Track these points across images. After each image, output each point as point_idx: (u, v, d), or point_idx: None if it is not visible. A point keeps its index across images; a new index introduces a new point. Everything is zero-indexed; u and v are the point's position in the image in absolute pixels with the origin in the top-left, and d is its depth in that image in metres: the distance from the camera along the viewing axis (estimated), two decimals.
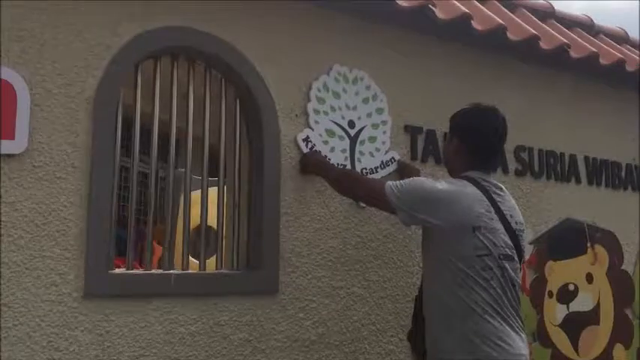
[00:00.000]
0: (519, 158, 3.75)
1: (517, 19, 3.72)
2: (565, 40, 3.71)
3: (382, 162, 3.19)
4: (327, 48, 3.10)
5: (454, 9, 3.30)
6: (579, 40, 3.93)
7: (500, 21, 3.44)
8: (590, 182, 4.08)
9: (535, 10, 4.08)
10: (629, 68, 3.94)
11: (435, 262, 2.43)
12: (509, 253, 2.37)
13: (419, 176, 3.19)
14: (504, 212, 2.41)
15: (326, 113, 3.03)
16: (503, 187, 2.52)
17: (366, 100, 3.18)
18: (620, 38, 4.49)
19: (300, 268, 2.87)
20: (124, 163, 2.71)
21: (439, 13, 3.23)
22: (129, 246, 2.58)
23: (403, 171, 3.20)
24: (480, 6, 3.60)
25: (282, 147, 2.89)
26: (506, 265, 2.34)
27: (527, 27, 3.62)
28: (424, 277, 2.58)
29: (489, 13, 3.55)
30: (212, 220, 2.82)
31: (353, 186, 2.69)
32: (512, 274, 2.36)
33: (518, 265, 2.42)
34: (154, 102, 2.68)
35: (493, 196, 2.41)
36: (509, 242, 2.38)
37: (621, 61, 3.90)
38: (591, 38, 4.20)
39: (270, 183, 2.83)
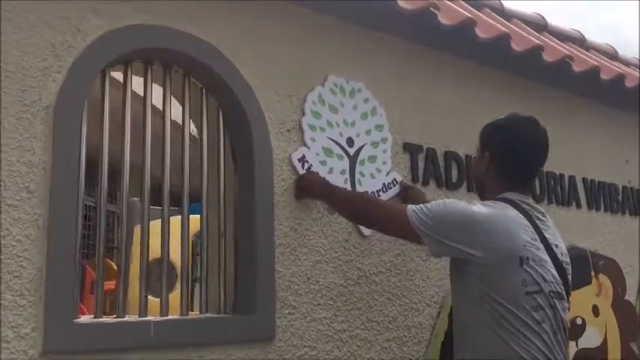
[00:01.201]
0: None
1: (517, 29, 3.47)
2: (567, 52, 3.48)
3: (384, 184, 2.85)
4: (322, 56, 2.76)
5: (457, 14, 3.02)
6: (577, 53, 3.71)
7: (504, 29, 3.18)
8: (590, 206, 3.84)
9: (527, 22, 3.86)
10: (629, 84, 3.74)
11: (471, 300, 2.08)
12: (559, 290, 2.05)
13: (425, 200, 2.86)
14: (549, 241, 2.10)
15: (322, 129, 2.68)
16: (544, 211, 2.21)
17: (364, 116, 2.84)
18: (610, 55, 4.32)
19: (299, 309, 2.48)
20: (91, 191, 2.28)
21: (442, 19, 2.93)
22: (98, 286, 2.14)
23: (406, 194, 2.87)
24: (478, 13, 3.33)
25: (274, 167, 2.51)
26: (557, 304, 2.02)
27: (529, 37, 3.37)
28: (456, 319, 2.22)
29: (489, 20, 3.28)
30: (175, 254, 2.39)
31: (366, 210, 2.32)
32: (563, 315, 2.04)
33: (567, 304, 2.09)
34: (124, 113, 2.27)
35: (536, 221, 2.10)
36: (558, 277, 2.05)
37: (621, 76, 3.70)
38: (586, 53, 4.00)
39: (262, 209, 2.44)
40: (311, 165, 2.60)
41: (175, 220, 2.37)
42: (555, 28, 4.03)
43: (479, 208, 2.09)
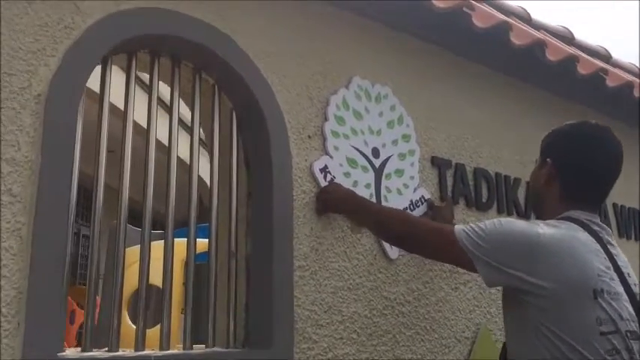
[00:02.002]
0: None
1: (548, 38, 3.23)
2: (601, 65, 3.24)
3: (411, 201, 2.56)
4: (346, 56, 2.49)
5: (491, 17, 2.77)
6: (611, 68, 3.47)
7: (538, 36, 2.94)
8: (620, 234, 3.58)
9: (555, 34, 3.63)
10: None
11: (531, 338, 1.76)
12: (636, 329, 1.74)
13: (453, 222, 2.58)
14: (622, 269, 1.80)
15: (346, 137, 2.39)
16: (611, 232, 1.93)
17: (391, 124, 2.56)
18: (634, 72, 4.10)
19: (319, 343, 2.16)
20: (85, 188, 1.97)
21: (476, 20, 2.67)
22: (88, 315, 1.81)
23: (434, 215, 2.58)
24: (509, 19, 3.09)
25: (294, 178, 2.21)
26: (634, 346, 1.72)
27: (562, 46, 3.14)
28: (510, 354, 1.91)
29: (522, 27, 3.04)
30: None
31: (407, 230, 2.01)
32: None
33: None
34: (126, 109, 1.97)
35: (607, 246, 1.81)
36: (633, 313, 1.76)
37: None
38: (613, 69, 3.77)
39: (280, 226, 2.14)
40: (334, 177, 2.31)
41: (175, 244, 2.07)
42: (582, 42, 3.80)
43: (543, 229, 1.79)
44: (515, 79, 3.12)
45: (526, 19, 3.45)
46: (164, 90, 2.14)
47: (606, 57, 3.94)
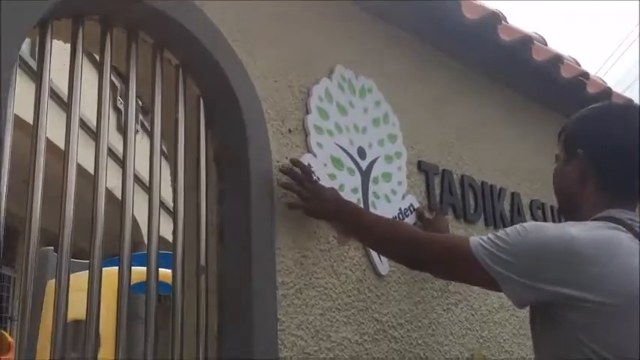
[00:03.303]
0: (535, 215, 2.98)
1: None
2: (582, 69, 3.08)
3: (400, 210, 2.28)
4: (328, 42, 2.21)
5: (481, 9, 2.55)
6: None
7: (527, 32, 2.74)
8: None
9: None
10: None
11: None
12: None
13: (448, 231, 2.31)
14: None
15: (330, 133, 2.09)
16: None
17: (376, 122, 2.28)
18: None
19: None
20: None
21: (466, 13, 2.44)
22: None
23: (426, 226, 2.30)
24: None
25: (274, 179, 1.89)
26: None
27: (548, 47, 2.95)
28: None
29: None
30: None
31: (414, 245, 1.70)
32: None
33: None
34: (72, 86, 1.61)
35: None
36: None
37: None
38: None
39: (260, 235, 1.80)
40: (318, 178, 1.99)
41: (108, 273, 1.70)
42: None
43: (579, 231, 1.51)
44: (502, 85, 2.91)
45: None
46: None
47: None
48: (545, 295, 1.47)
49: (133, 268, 1.69)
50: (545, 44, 3.05)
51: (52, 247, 4.09)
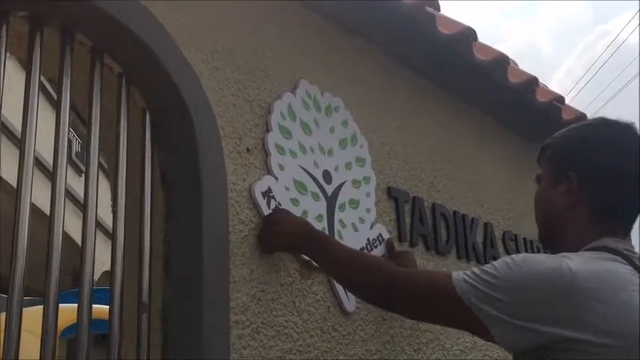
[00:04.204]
0: (508, 248, 2.83)
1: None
2: (557, 93, 2.96)
3: (369, 240, 2.09)
4: (292, 54, 2.03)
5: (454, 25, 2.41)
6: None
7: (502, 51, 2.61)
8: None
9: None
10: None
11: None
12: None
13: (416, 267, 2.14)
14: None
15: (293, 154, 1.90)
16: None
17: (343, 143, 2.10)
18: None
19: None
20: None
21: (440, 27, 2.30)
22: None
23: (394, 259, 2.11)
24: None
25: (229, 204, 1.69)
26: None
27: (521, 69, 2.83)
28: None
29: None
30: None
31: (383, 278, 1.50)
32: None
33: None
34: None
35: None
36: None
37: None
38: None
39: (212, 267, 1.59)
40: (279, 203, 1.80)
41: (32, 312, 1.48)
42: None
43: (575, 264, 1.34)
44: (477, 110, 2.77)
45: None
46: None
47: None
48: (540, 338, 1.29)
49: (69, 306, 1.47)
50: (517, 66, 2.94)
51: None
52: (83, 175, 1.57)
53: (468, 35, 2.38)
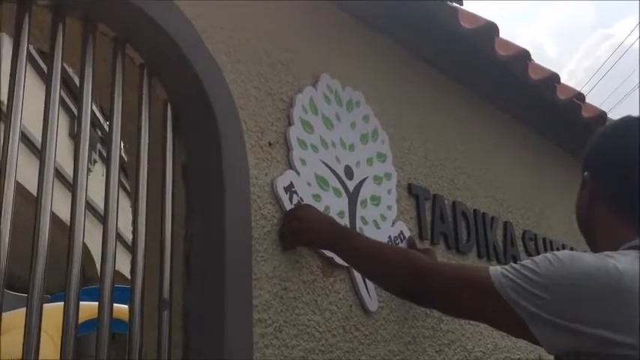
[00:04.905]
0: (528, 248, 2.80)
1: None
2: (577, 90, 2.93)
3: (390, 237, 2.06)
4: (314, 47, 2.02)
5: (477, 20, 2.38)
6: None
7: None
8: None
9: None
10: None
11: None
12: None
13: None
14: None
15: (315, 149, 1.87)
16: None
17: (364, 139, 2.08)
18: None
19: None
20: None
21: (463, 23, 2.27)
22: None
23: None
24: None
25: (251, 199, 1.66)
26: None
27: (541, 65, 2.80)
28: None
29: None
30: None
31: (414, 269, 1.48)
32: None
33: None
34: (13, 90, 1.37)
35: None
36: None
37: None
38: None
39: (234, 263, 1.56)
40: (301, 198, 1.77)
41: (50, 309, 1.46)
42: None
43: (623, 263, 1.30)
44: (496, 106, 2.74)
45: None
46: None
47: None
48: (583, 339, 1.24)
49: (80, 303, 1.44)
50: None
51: None
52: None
53: (490, 30, 2.34)
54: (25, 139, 5.25)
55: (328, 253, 1.78)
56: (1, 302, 1.25)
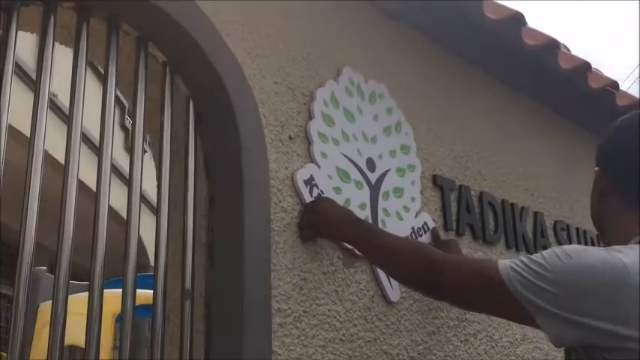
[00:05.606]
0: (560, 238, 2.79)
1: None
2: (611, 78, 2.89)
3: (413, 229, 2.09)
4: (336, 41, 2.04)
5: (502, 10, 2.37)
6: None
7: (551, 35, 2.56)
8: None
9: None
10: None
11: None
12: None
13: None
14: None
15: (336, 142, 1.91)
16: None
17: (387, 131, 2.10)
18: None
19: None
20: None
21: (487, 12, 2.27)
22: None
23: (438, 247, 2.10)
24: None
25: (271, 192, 1.71)
26: None
27: (572, 53, 2.77)
28: None
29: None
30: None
31: (427, 263, 1.51)
32: None
33: None
34: (38, 88, 1.44)
35: None
36: None
37: None
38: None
39: (253, 255, 1.62)
40: (321, 191, 1.81)
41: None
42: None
43: (630, 257, 1.31)
44: (525, 95, 2.73)
45: None
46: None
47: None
48: (590, 333, 1.26)
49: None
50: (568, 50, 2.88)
51: (45, 267, 3.90)
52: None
53: (516, 20, 2.34)
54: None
55: (349, 245, 1.81)
56: (67, 288, 1.35)
